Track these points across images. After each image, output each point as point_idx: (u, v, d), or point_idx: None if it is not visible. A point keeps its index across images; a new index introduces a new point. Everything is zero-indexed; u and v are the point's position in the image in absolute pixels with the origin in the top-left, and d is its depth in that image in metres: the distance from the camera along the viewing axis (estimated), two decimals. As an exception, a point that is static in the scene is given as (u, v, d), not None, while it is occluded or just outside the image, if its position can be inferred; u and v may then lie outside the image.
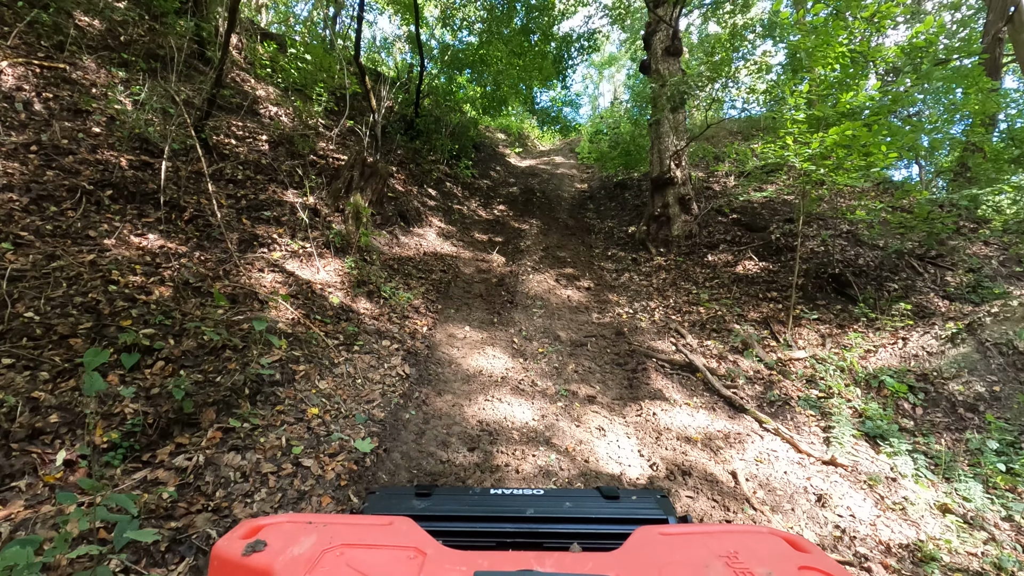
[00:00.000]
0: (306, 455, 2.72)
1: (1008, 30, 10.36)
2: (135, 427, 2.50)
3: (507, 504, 1.07)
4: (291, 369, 3.41)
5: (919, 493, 3.52)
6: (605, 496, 1.11)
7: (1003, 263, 7.00)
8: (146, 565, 1.92)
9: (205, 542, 2.05)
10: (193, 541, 2.05)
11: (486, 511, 1.05)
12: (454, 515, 1.03)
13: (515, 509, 1.05)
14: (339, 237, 5.59)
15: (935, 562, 2.86)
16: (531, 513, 1.04)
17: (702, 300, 6.58)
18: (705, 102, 8.90)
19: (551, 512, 1.04)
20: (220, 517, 2.20)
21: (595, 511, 1.06)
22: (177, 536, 2.05)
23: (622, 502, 1.10)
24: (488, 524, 1.01)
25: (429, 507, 1.05)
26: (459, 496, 1.13)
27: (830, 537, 3.00)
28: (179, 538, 2.05)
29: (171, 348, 3.16)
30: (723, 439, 3.87)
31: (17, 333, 2.95)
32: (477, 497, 1.11)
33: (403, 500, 1.08)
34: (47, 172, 4.49)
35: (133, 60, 6.68)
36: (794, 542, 0.83)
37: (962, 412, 4.62)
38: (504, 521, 1.02)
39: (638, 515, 1.05)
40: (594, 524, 1.02)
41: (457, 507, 1.06)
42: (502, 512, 1.04)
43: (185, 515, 2.17)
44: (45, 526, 1.95)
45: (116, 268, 3.78)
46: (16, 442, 2.28)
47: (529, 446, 3.35)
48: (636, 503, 1.10)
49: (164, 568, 1.90)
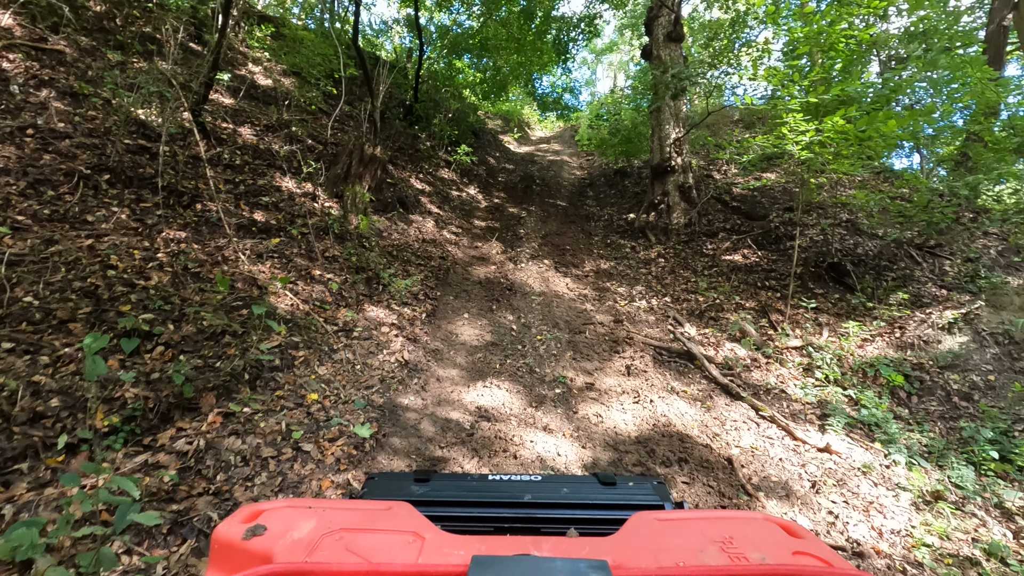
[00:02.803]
0: (306, 440, 2.74)
1: (1013, 17, 10.22)
2: (136, 411, 2.52)
3: (505, 490, 1.08)
4: (290, 355, 3.42)
5: (912, 480, 3.56)
6: (602, 482, 1.12)
7: (1001, 253, 7.00)
8: (148, 547, 1.94)
9: (206, 524, 2.07)
10: (195, 524, 2.08)
11: (484, 496, 1.05)
12: (452, 500, 1.04)
13: (513, 495, 1.06)
14: (338, 223, 5.57)
15: (926, 547, 2.91)
16: (529, 499, 1.05)
17: (700, 288, 6.59)
18: (706, 89, 8.81)
19: (548, 498, 1.05)
20: (221, 500, 2.23)
21: (592, 497, 1.07)
22: (179, 519, 2.08)
23: (619, 488, 1.10)
24: (486, 509, 1.02)
25: (427, 492, 1.06)
26: (457, 482, 1.14)
27: (823, 523, 3.05)
28: (181, 520, 2.07)
29: (171, 333, 3.17)
30: (719, 426, 3.90)
31: (16, 318, 2.95)
32: (475, 483, 1.12)
33: (402, 485, 1.09)
34: (44, 156, 4.45)
35: (129, 42, 6.59)
36: (788, 527, 0.84)
37: (957, 401, 4.66)
38: (502, 506, 1.03)
39: (635, 501, 1.06)
40: (591, 510, 1.03)
41: (455, 492, 1.07)
42: (500, 498, 1.05)
43: (187, 498, 2.19)
44: (48, 508, 1.97)
45: (115, 253, 3.77)
46: (18, 425, 2.29)
47: (527, 431, 3.38)
48: (633, 489, 1.11)
49: (166, 549, 1.93)
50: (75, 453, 2.28)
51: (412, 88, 10.59)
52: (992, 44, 11.08)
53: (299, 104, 7.79)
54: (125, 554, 1.85)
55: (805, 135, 5.02)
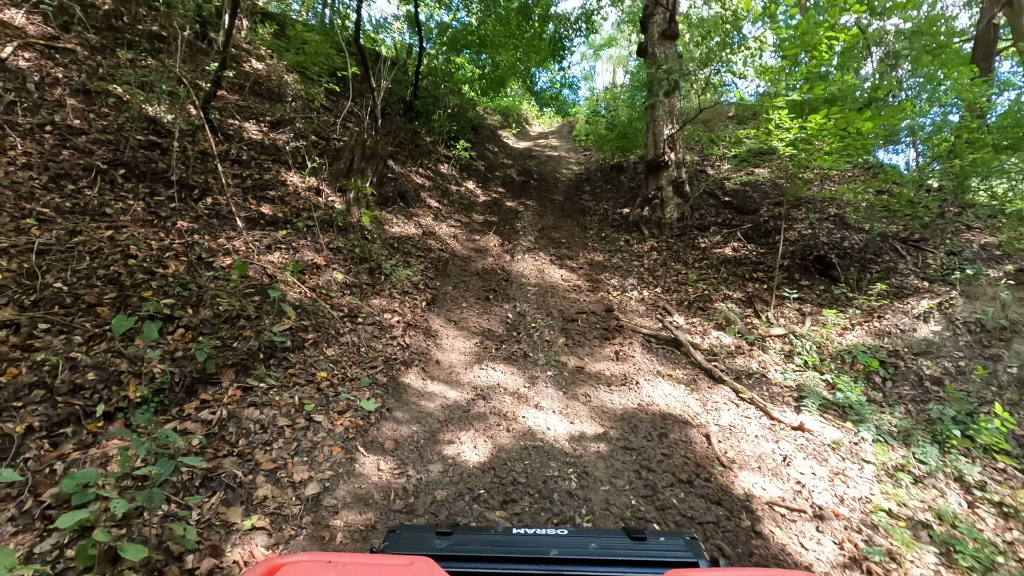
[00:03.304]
0: (317, 411, 3.01)
1: (1007, 14, 10.38)
2: (163, 385, 2.78)
3: (530, 544, 1.06)
4: (300, 337, 3.68)
5: (878, 455, 3.83)
6: (632, 537, 1.09)
7: (983, 246, 7.24)
8: (183, 498, 2.21)
9: (233, 480, 2.35)
10: (223, 479, 2.35)
11: (508, 552, 1.03)
12: (475, 555, 1.02)
13: (538, 550, 1.04)
14: (341, 216, 5.81)
15: (883, 512, 3.18)
16: (555, 554, 1.02)
17: (690, 280, 6.85)
18: (700, 85, 9.04)
19: (576, 554, 1.03)
20: (244, 461, 2.50)
21: (622, 553, 1.04)
22: (208, 475, 2.35)
23: (649, 543, 1.08)
24: (511, 566, 0.99)
25: (450, 547, 1.04)
26: (481, 535, 1.13)
27: (791, 491, 3.32)
28: (210, 476, 2.34)
29: (190, 317, 3.43)
30: (701, 406, 4.17)
31: (49, 302, 3.21)
32: (499, 537, 1.10)
33: (424, 539, 1.07)
34: (63, 152, 4.68)
35: (137, 40, 6.80)
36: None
37: (928, 385, 4.93)
38: (527, 563, 1.00)
39: (667, 558, 1.02)
40: (621, 567, 1.00)
41: (478, 547, 1.05)
42: (525, 553, 1.03)
43: (214, 458, 2.46)
44: (93, 464, 2.24)
45: (133, 243, 4.02)
46: (60, 396, 2.55)
47: (520, 408, 3.65)
48: (664, 544, 1.08)
49: (200, 498, 2.20)
50: (112, 420, 2.54)
51: (412, 84, 10.81)
52: (982, 42, 11.30)
53: (302, 99, 8.01)
54: (165, 503, 2.12)
55: (790, 132, 5.27)
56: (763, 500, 3.13)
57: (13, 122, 4.58)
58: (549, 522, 2.54)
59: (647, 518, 2.71)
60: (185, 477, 2.27)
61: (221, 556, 1.96)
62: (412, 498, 2.59)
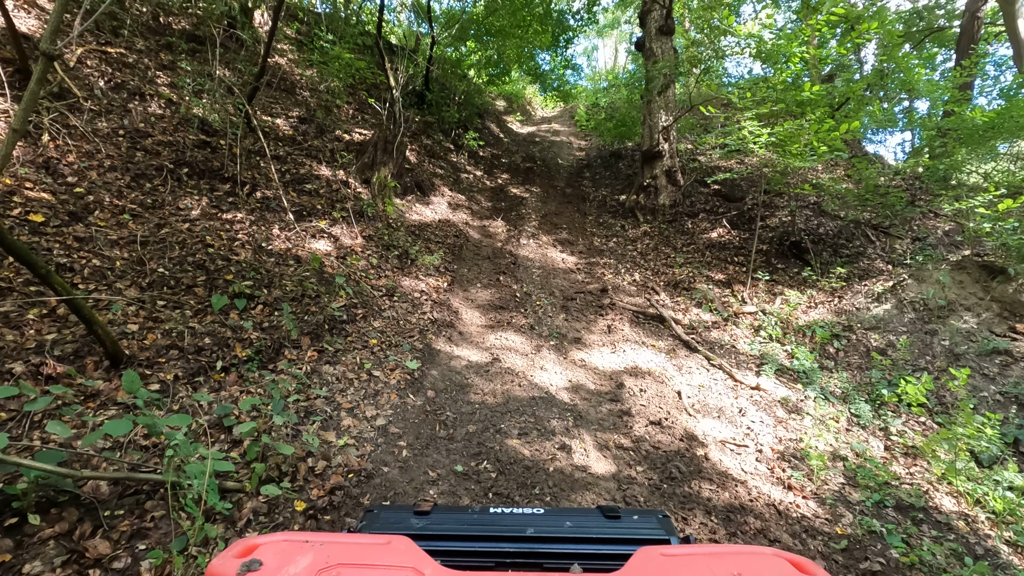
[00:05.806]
0: (375, 368, 3.92)
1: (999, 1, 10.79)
2: (260, 347, 3.67)
3: (507, 523, 1.08)
4: (353, 312, 4.57)
5: (818, 408, 4.74)
6: (606, 515, 1.12)
7: (947, 233, 8.04)
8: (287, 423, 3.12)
9: (326, 414, 3.26)
10: (318, 412, 3.26)
11: (485, 530, 1.05)
12: (453, 534, 1.04)
13: (515, 528, 1.06)
14: (369, 207, 6.63)
15: (811, 449, 4.10)
16: (531, 533, 1.05)
17: (677, 263, 7.70)
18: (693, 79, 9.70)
19: (551, 532, 1.05)
20: (329, 402, 3.41)
21: (596, 531, 1.06)
22: (306, 411, 3.26)
23: (623, 522, 1.10)
24: (487, 544, 1.02)
25: (427, 526, 1.06)
26: (458, 515, 1.14)
27: (741, 434, 4.23)
28: (307, 411, 3.25)
29: (266, 296, 4.29)
30: (677, 370, 5.07)
31: (159, 283, 4.07)
32: (476, 516, 1.12)
33: (401, 518, 1.09)
34: (136, 154, 5.47)
35: (175, 41, 7.48)
36: (799, 564, 0.83)
37: (874, 355, 5.82)
38: (504, 541, 1.03)
39: (639, 535, 1.05)
40: (595, 544, 1.03)
41: (456, 526, 1.07)
42: (502, 531, 1.05)
43: (306, 400, 3.37)
44: (225, 401, 3.14)
45: (208, 234, 4.86)
46: (189, 354, 3.44)
47: (528, 368, 4.56)
48: (637, 523, 1.11)
49: (307, 425, 3.11)
50: (228, 373, 3.44)
51: (423, 75, 11.44)
52: (965, 34, 11.88)
53: (330, 95, 8.72)
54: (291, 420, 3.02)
55: (761, 137, 6.04)
56: (717, 439, 4.04)
57: (95, 128, 5.36)
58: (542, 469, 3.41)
59: (623, 447, 3.63)
60: (292, 411, 3.18)
61: (329, 459, 2.87)
62: (452, 429, 3.50)
